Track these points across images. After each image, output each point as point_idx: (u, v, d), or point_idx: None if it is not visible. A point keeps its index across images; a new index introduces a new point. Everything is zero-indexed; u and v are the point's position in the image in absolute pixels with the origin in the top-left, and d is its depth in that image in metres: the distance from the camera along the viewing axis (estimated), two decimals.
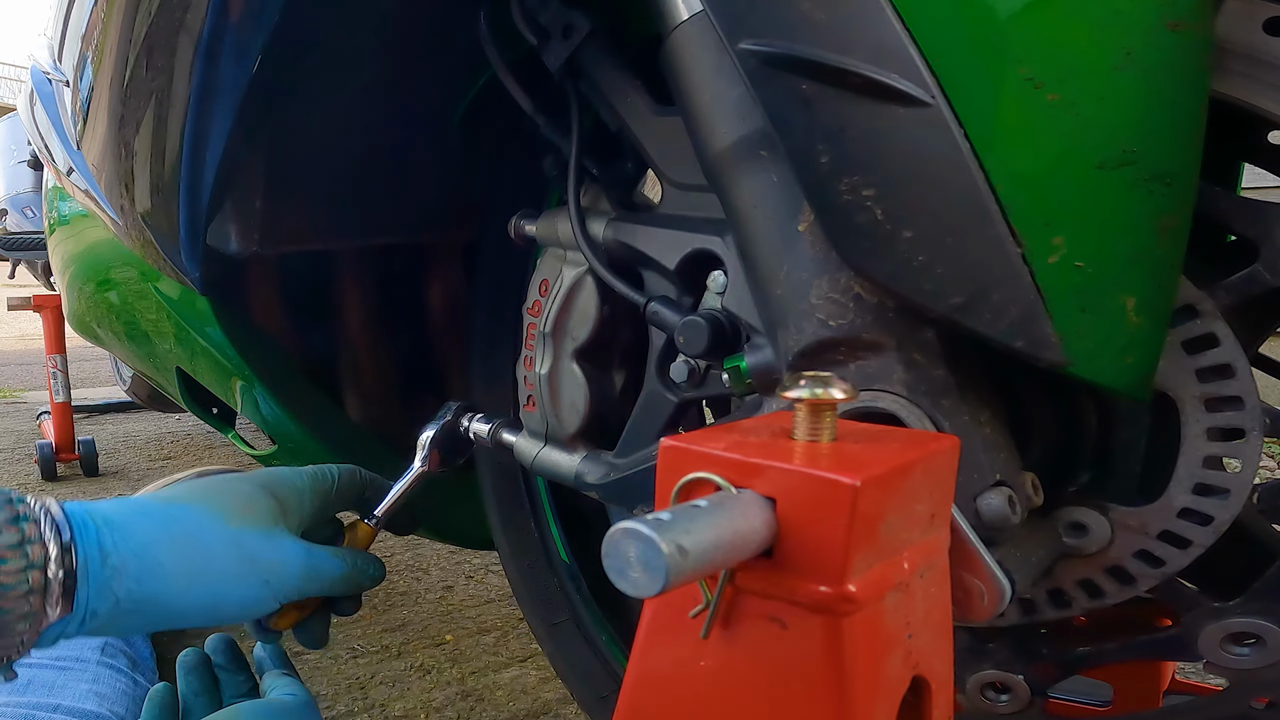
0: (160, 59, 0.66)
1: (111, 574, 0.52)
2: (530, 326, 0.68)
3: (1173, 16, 0.35)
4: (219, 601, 0.57)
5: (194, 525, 0.57)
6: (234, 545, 0.57)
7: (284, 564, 0.59)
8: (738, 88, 0.45)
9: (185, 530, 0.56)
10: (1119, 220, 0.37)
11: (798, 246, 0.44)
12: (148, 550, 0.54)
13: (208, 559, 0.56)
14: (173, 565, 0.54)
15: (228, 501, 0.59)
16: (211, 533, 0.57)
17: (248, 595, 0.58)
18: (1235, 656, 0.47)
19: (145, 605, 0.54)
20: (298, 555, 0.60)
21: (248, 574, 0.57)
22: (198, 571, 0.55)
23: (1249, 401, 0.43)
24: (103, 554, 0.52)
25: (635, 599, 0.29)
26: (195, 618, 0.57)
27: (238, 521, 0.58)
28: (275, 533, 0.60)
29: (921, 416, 0.43)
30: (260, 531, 0.59)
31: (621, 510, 0.66)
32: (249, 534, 0.58)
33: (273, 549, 0.59)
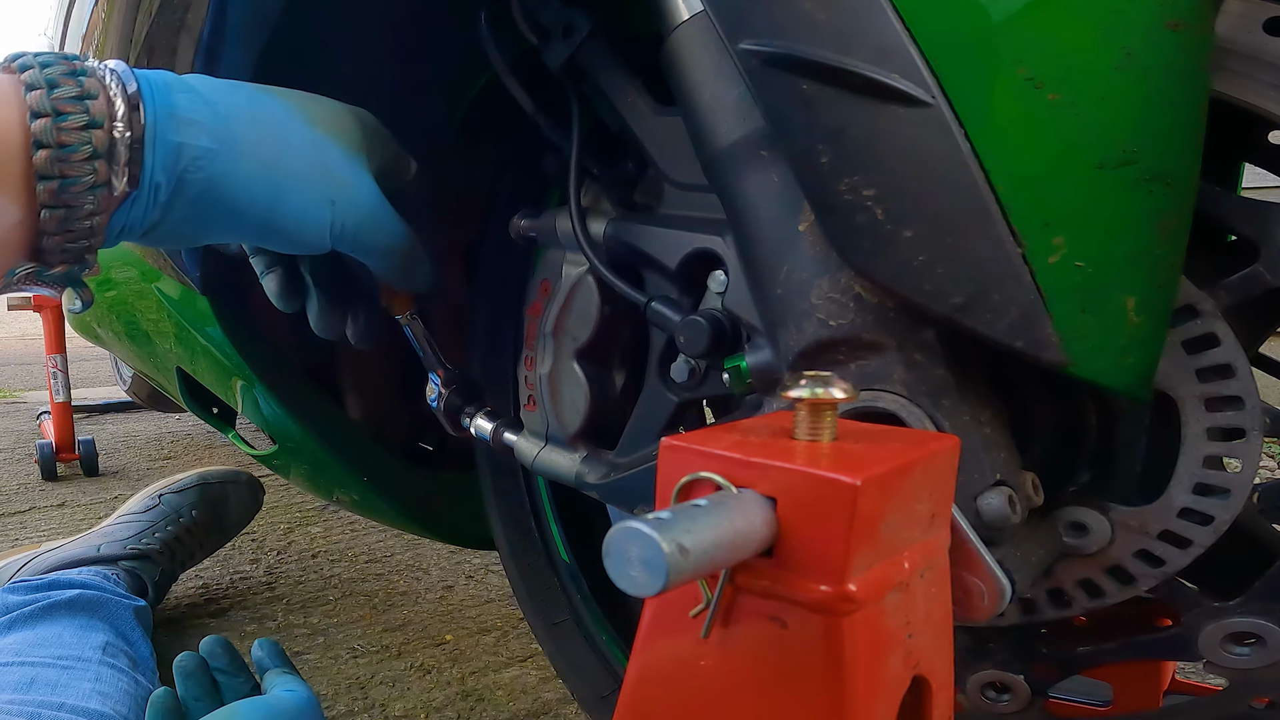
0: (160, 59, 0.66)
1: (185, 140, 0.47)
2: (531, 326, 0.68)
3: (1173, 16, 0.36)
4: (280, 204, 0.51)
5: (279, 114, 0.51)
6: (315, 148, 0.52)
7: (357, 189, 0.54)
8: (738, 88, 0.45)
9: (270, 115, 0.51)
10: (1119, 220, 0.37)
11: (798, 246, 0.44)
12: (228, 123, 0.48)
13: (285, 150, 0.51)
14: (248, 145, 0.49)
15: (318, 109, 0.54)
16: (296, 128, 0.51)
17: (310, 209, 0.52)
18: (1235, 656, 0.47)
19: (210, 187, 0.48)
20: (371, 189, 0.55)
21: (318, 182, 0.52)
22: (271, 160, 0.50)
23: (1249, 401, 0.43)
24: (175, 118, 0.46)
25: (636, 598, 0.29)
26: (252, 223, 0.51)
27: (324, 128, 0.53)
28: (356, 157, 0.54)
29: (922, 416, 0.43)
30: (342, 148, 0.54)
31: (622, 510, 0.66)
32: (331, 145, 0.53)
33: (350, 169, 0.53)
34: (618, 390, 0.67)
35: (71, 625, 0.98)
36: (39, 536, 1.63)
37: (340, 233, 0.54)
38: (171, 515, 1.29)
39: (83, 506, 1.85)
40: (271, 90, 0.53)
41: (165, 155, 0.46)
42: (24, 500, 1.90)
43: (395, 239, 0.56)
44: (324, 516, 1.78)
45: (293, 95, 0.54)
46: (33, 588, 1.04)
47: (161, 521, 1.27)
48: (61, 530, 1.67)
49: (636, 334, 0.65)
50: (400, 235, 0.57)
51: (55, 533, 1.65)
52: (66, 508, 1.84)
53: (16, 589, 1.04)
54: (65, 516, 1.78)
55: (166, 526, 1.26)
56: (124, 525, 1.26)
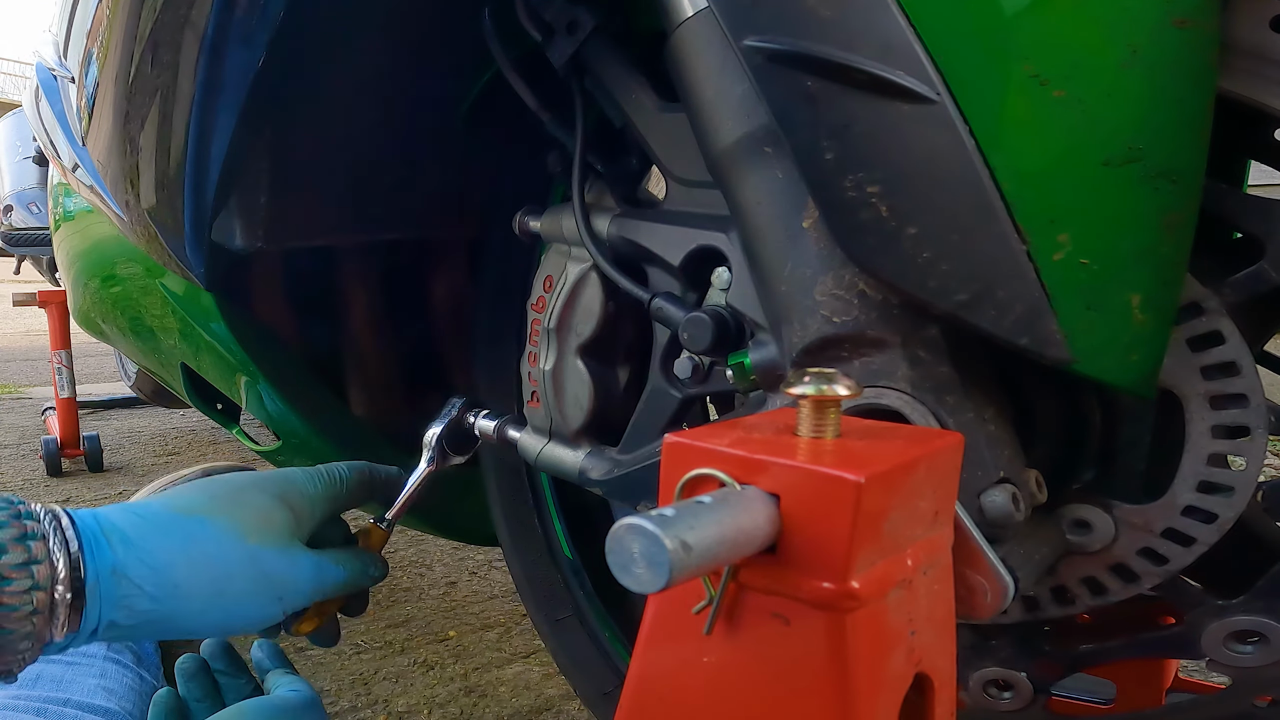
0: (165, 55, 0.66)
1: (125, 593, 0.51)
2: (534, 322, 0.68)
3: (1179, 13, 0.35)
4: (232, 619, 0.57)
5: (213, 544, 0.56)
6: (252, 564, 0.57)
7: (296, 580, 0.59)
8: (742, 84, 0.45)
9: (204, 551, 0.55)
10: (1124, 217, 0.37)
11: (802, 243, 0.44)
12: (166, 571, 0.53)
13: (226, 580, 0.55)
14: (190, 586, 0.54)
15: (246, 516, 0.58)
16: (230, 552, 0.56)
17: (261, 612, 0.58)
18: (1238, 654, 0.47)
19: (159, 623, 0.53)
20: (309, 569, 0.60)
21: (263, 592, 0.57)
22: (216, 592, 0.55)
23: (1254, 399, 0.43)
24: (116, 573, 0.51)
25: (639, 595, 0.29)
26: (207, 632, 0.57)
27: (256, 538, 0.57)
28: (290, 549, 0.60)
29: (926, 413, 0.43)
30: (277, 549, 0.58)
31: (625, 506, 0.66)
32: (266, 552, 0.58)
33: (287, 565, 0.59)
34: (621, 387, 0.67)
35: None
36: None
37: (294, 608, 0.60)
38: None
39: (87, 502, 1.85)
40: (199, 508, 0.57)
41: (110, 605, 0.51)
42: (29, 496, 1.90)
43: (338, 584, 0.63)
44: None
45: (219, 507, 0.58)
46: None
47: None
48: None
49: (640, 330, 0.65)
50: (344, 576, 0.63)
51: None
52: (71, 503, 1.85)
53: None
54: None
55: None
56: None
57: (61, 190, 1.39)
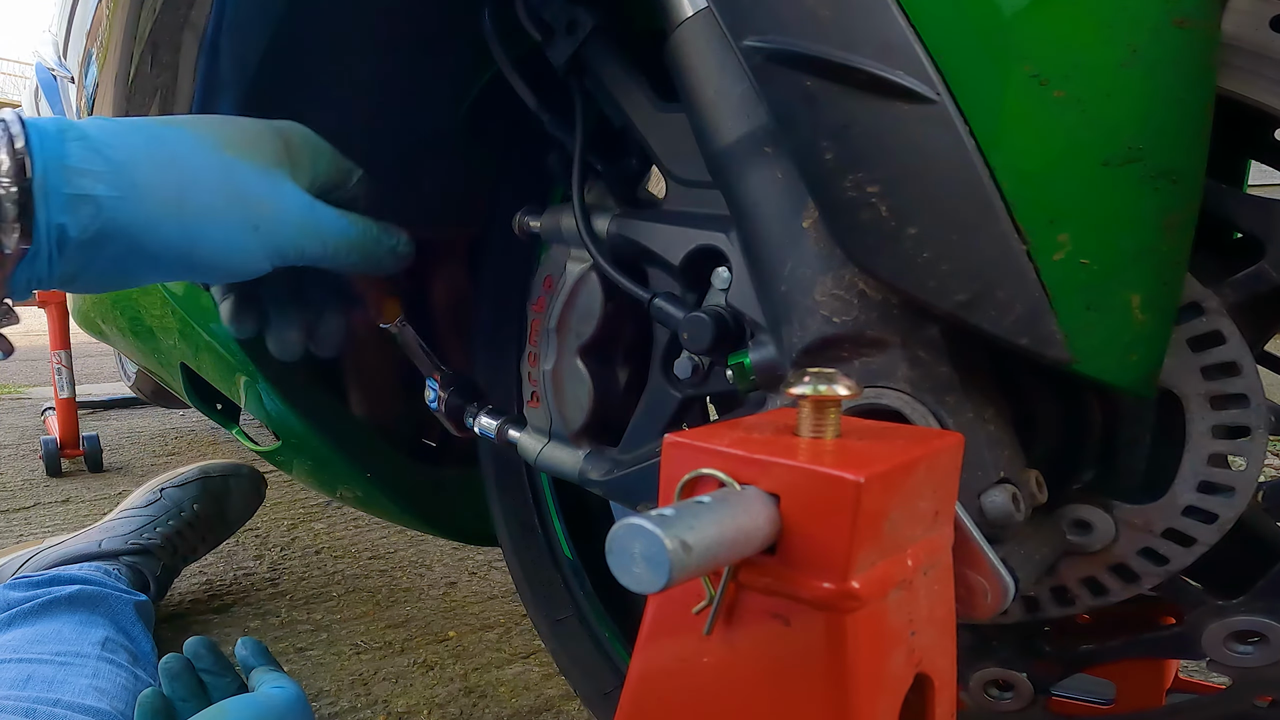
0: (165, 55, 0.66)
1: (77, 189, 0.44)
2: (534, 323, 0.68)
3: (1179, 13, 0.35)
4: (196, 240, 0.48)
5: (181, 147, 0.48)
6: (223, 174, 0.48)
7: (280, 207, 0.50)
8: (742, 84, 0.45)
9: (171, 152, 0.48)
10: (1124, 217, 0.37)
11: (802, 243, 0.44)
12: (125, 169, 0.46)
13: (189, 185, 0.47)
14: (150, 188, 0.46)
15: (229, 130, 0.51)
16: (201, 158, 0.48)
17: (231, 239, 0.49)
18: (1239, 655, 0.47)
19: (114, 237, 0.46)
20: (298, 201, 0.51)
21: (233, 211, 0.49)
22: (175, 198, 0.47)
23: (1254, 399, 0.42)
24: (66, 169, 0.44)
25: (638, 595, 0.29)
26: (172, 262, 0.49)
27: (235, 151, 0.49)
28: (275, 172, 0.51)
29: (926, 413, 0.43)
30: (258, 166, 0.50)
31: (625, 506, 0.66)
32: (243, 165, 0.49)
33: (268, 187, 0.50)
34: (621, 387, 0.67)
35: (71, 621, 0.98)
36: (43, 532, 1.64)
37: (275, 253, 0.51)
38: (173, 509, 1.29)
39: (87, 502, 1.85)
40: (178, 122, 0.51)
41: (59, 209, 0.44)
42: (29, 496, 1.90)
43: (340, 238, 0.54)
44: (327, 513, 1.78)
45: (202, 122, 0.51)
46: (33, 584, 1.04)
47: (163, 516, 1.27)
48: (66, 526, 1.68)
49: (640, 330, 0.65)
50: (346, 232, 0.55)
51: (59, 528, 1.66)
52: (71, 503, 1.84)
53: (17, 585, 1.04)
54: (70, 512, 1.78)
55: (168, 521, 1.27)
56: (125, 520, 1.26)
57: None
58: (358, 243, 0.55)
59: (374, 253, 0.56)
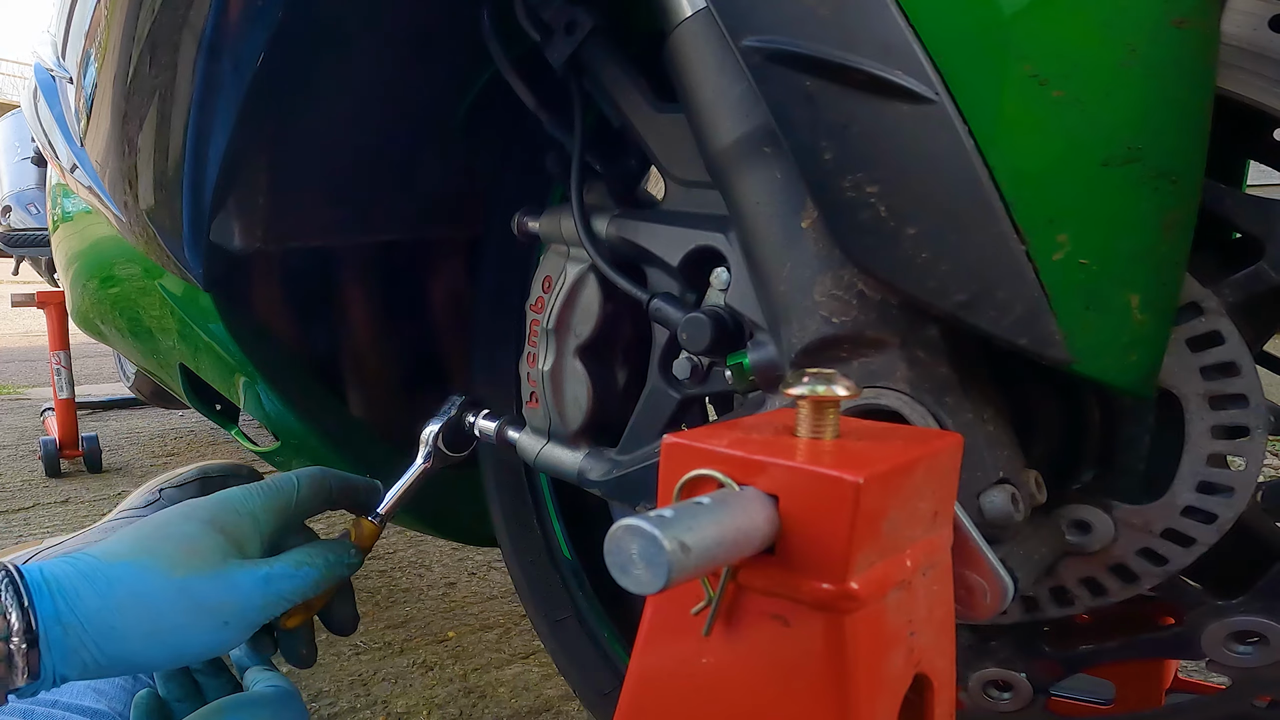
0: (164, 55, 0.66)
1: (71, 641, 0.52)
2: (533, 323, 0.67)
3: (1178, 13, 0.35)
4: (181, 652, 0.56)
5: (137, 585, 0.55)
6: (181, 597, 0.55)
7: (239, 602, 0.58)
8: (741, 84, 0.45)
9: (130, 591, 0.55)
10: (1123, 217, 0.37)
11: (801, 243, 0.44)
12: (99, 617, 0.53)
13: (158, 617, 0.55)
14: (125, 629, 0.54)
15: (170, 549, 0.57)
16: (156, 589, 0.55)
17: (209, 640, 0.57)
18: (1238, 655, 0.47)
19: (112, 665, 0.54)
20: (254, 588, 0.58)
21: (202, 622, 0.56)
22: (151, 631, 0.54)
23: (1253, 399, 0.42)
24: (62, 624, 0.52)
25: (638, 596, 0.29)
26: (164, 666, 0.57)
27: (183, 570, 0.56)
28: (226, 570, 0.58)
29: (925, 414, 0.43)
30: (208, 575, 0.57)
31: (624, 507, 0.66)
32: (195, 581, 0.56)
33: (224, 590, 0.57)
34: (620, 387, 0.67)
35: None
36: (43, 533, 1.64)
37: (249, 629, 0.58)
38: None
39: (86, 503, 1.85)
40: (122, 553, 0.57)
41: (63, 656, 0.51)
42: (28, 496, 1.90)
43: (303, 590, 0.61)
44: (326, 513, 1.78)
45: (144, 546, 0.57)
46: None
47: None
48: (65, 526, 1.67)
49: (639, 331, 0.65)
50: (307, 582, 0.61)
51: (59, 529, 1.66)
52: (70, 504, 1.84)
53: None
54: (69, 513, 1.78)
55: None
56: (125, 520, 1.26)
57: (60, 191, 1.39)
58: (321, 581, 0.62)
59: (335, 577, 0.64)
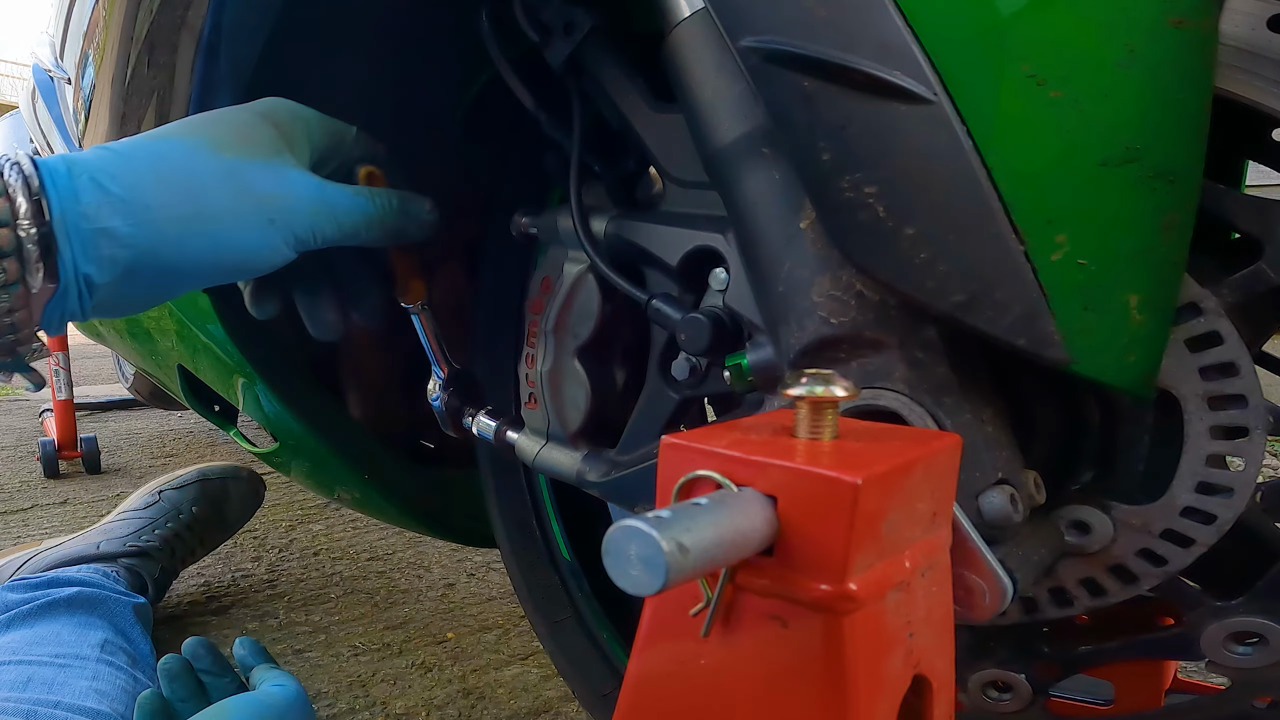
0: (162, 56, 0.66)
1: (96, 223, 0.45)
2: (532, 324, 0.67)
3: (1176, 13, 0.35)
4: (220, 247, 0.49)
5: (182, 159, 0.49)
6: (229, 177, 0.49)
7: (290, 196, 0.51)
8: (739, 85, 0.45)
9: (173, 166, 0.48)
10: (1122, 218, 0.37)
11: (799, 244, 0.44)
12: (134, 195, 0.46)
13: (200, 195, 0.48)
14: (163, 208, 0.47)
15: (220, 131, 0.51)
16: (202, 165, 0.49)
17: (251, 238, 0.50)
18: (1238, 655, 0.47)
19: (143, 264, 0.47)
20: (306, 186, 0.52)
21: (248, 210, 0.49)
22: (191, 213, 0.48)
23: (1252, 400, 0.42)
24: (81, 205, 0.45)
25: (636, 597, 0.29)
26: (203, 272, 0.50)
27: (233, 151, 0.50)
28: (277, 162, 0.51)
29: (923, 414, 0.43)
30: (259, 161, 0.51)
31: (623, 508, 0.66)
32: (245, 164, 0.50)
33: (274, 179, 0.51)
34: (619, 388, 0.67)
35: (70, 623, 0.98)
36: (41, 534, 1.64)
37: (295, 241, 0.52)
38: (171, 512, 1.29)
39: (85, 504, 1.85)
40: (169, 133, 0.51)
41: (82, 246, 0.45)
42: (26, 498, 1.90)
43: (357, 216, 0.54)
44: (326, 514, 1.78)
45: (192, 127, 0.52)
46: (32, 586, 1.04)
47: (161, 518, 1.27)
48: (64, 528, 1.67)
49: (637, 332, 0.65)
50: (363, 209, 0.54)
51: (57, 530, 1.65)
52: (69, 505, 1.84)
53: (16, 587, 1.04)
54: (67, 514, 1.78)
55: (166, 523, 1.26)
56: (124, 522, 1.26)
57: None
58: (376, 217, 0.55)
59: (395, 225, 0.56)
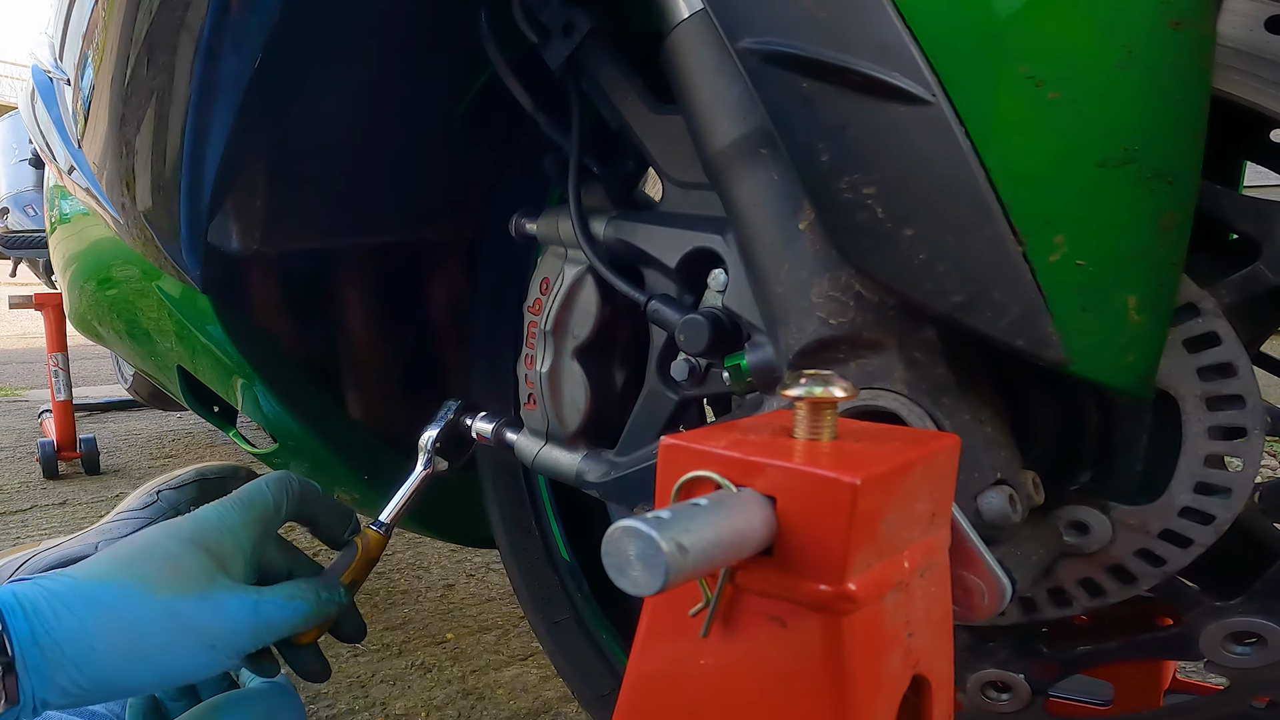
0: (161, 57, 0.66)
1: (51, 665, 0.50)
2: (531, 325, 0.67)
3: (1174, 14, 0.35)
4: (165, 674, 0.54)
5: (120, 605, 0.53)
6: (166, 617, 0.53)
7: (227, 624, 0.55)
8: (738, 86, 0.45)
9: (111, 612, 0.53)
10: (1120, 219, 0.37)
11: (798, 245, 0.44)
12: (79, 638, 0.51)
13: (141, 638, 0.53)
14: (107, 650, 0.51)
15: (154, 569, 0.55)
16: (139, 609, 0.53)
17: (194, 663, 0.55)
18: (1236, 655, 0.47)
19: (94, 689, 0.51)
20: (242, 612, 0.56)
21: (189, 644, 0.54)
22: (134, 652, 0.52)
23: (1250, 400, 0.42)
24: (38, 646, 0.50)
25: (636, 597, 0.29)
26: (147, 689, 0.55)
27: (167, 589, 0.54)
28: (213, 593, 0.55)
29: (922, 415, 0.43)
30: (194, 596, 0.55)
31: (622, 508, 0.66)
32: (181, 601, 0.54)
33: (211, 613, 0.55)
34: (618, 389, 0.67)
35: None
36: (40, 535, 1.63)
37: (236, 655, 0.57)
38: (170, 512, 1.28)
39: (84, 505, 1.85)
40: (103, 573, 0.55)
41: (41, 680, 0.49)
42: (25, 499, 1.90)
43: (293, 621, 0.59)
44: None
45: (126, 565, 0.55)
46: None
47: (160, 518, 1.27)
48: (63, 528, 1.67)
49: (636, 332, 0.65)
50: (297, 614, 0.59)
51: (57, 531, 1.65)
52: (68, 506, 1.84)
53: None
54: (67, 515, 1.78)
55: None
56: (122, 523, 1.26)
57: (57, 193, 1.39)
58: (312, 616, 0.61)
59: (325, 614, 0.62)
